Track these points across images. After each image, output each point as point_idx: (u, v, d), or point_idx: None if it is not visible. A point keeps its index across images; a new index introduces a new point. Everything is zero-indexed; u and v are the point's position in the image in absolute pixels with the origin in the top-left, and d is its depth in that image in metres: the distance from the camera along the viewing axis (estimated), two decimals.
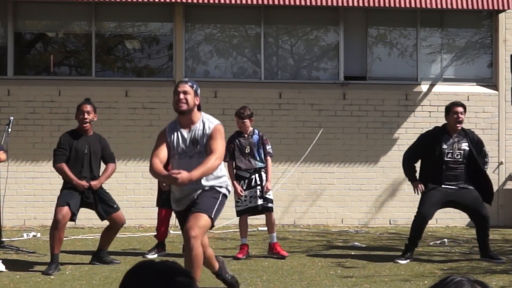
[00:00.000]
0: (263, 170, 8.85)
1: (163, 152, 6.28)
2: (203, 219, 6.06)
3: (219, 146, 6.18)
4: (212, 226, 6.36)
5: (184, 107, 6.23)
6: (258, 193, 8.74)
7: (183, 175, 5.89)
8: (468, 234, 10.88)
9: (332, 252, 9.12)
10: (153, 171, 6.21)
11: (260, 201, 8.74)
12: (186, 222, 6.07)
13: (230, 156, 8.84)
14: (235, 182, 8.66)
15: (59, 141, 8.34)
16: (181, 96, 6.23)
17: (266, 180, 8.79)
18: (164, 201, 8.63)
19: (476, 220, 8.68)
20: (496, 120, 12.34)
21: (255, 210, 8.88)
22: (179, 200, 6.34)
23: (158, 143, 6.38)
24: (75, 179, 8.10)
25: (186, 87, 6.29)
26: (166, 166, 6.42)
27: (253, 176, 8.78)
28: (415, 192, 8.77)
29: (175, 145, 6.27)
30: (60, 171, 8.21)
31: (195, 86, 6.41)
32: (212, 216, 6.11)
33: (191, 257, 6.02)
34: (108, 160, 8.52)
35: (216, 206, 6.18)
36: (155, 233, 9.18)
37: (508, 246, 9.64)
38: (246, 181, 8.77)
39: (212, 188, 6.24)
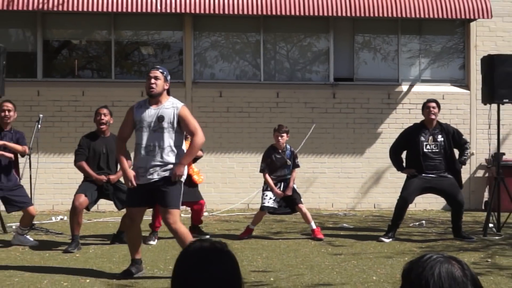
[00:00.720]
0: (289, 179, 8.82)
1: (127, 129, 6.45)
2: (175, 213, 6.24)
3: (195, 125, 6.28)
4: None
5: (154, 91, 6.25)
6: (278, 198, 8.70)
7: (180, 168, 6.15)
8: (443, 217, 10.91)
9: (323, 233, 9.11)
10: (117, 157, 6.52)
11: (276, 204, 8.66)
12: (162, 215, 6.40)
13: (267, 168, 8.76)
14: (274, 187, 8.65)
15: (79, 142, 8.34)
16: (152, 81, 6.24)
17: (287, 186, 8.71)
18: None
19: (452, 204, 8.71)
20: (468, 116, 12.36)
21: (273, 211, 8.77)
22: (144, 173, 6.27)
23: (125, 120, 6.47)
24: (93, 175, 8.12)
25: (157, 73, 6.29)
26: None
27: (279, 184, 8.74)
28: (409, 177, 8.75)
29: (141, 119, 6.27)
30: (80, 168, 8.24)
31: (165, 72, 6.38)
32: (179, 206, 6.41)
33: (180, 238, 6.24)
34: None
35: (180, 197, 6.36)
36: (153, 222, 8.57)
37: (479, 227, 9.64)
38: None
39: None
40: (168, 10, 11.46)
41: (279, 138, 8.76)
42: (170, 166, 6.23)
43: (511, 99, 9.29)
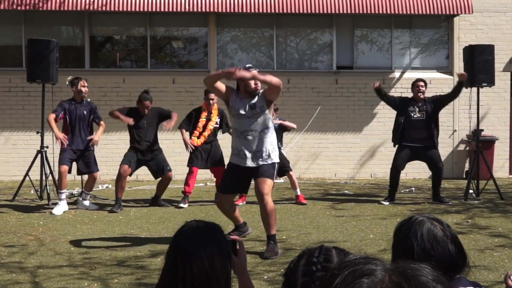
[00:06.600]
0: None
1: (222, 86, 5.78)
2: (269, 182, 5.67)
3: (273, 78, 5.71)
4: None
5: (258, 91, 5.78)
6: None
7: (253, 73, 5.53)
8: (430, 184, 10.79)
9: (327, 198, 9.09)
10: (208, 77, 5.80)
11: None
12: (257, 185, 5.65)
13: None
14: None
15: (123, 107, 8.69)
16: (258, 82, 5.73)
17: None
18: (192, 162, 8.65)
19: (433, 170, 8.67)
20: None
21: None
22: (244, 158, 5.76)
23: (224, 89, 5.84)
24: (123, 118, 8.25)
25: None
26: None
27: None
28: (398, 149, 8.70)
29: (236, 107, 5.72)
30: (111, 115, 8.42)
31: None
32: (273, 179, 5.77)
33: (266, 210, 5.60)
34: (169, 115, 8.60)
35: (275, 172, 5.75)
36: (185, 188, 8.58)
37: (460, 193, 9.56)
38: None
39: (269, 163, 5.74)
40: (195, 10, 11.40)
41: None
42: (266, 156, 5.71)
43: (489, 83, 9.20)
